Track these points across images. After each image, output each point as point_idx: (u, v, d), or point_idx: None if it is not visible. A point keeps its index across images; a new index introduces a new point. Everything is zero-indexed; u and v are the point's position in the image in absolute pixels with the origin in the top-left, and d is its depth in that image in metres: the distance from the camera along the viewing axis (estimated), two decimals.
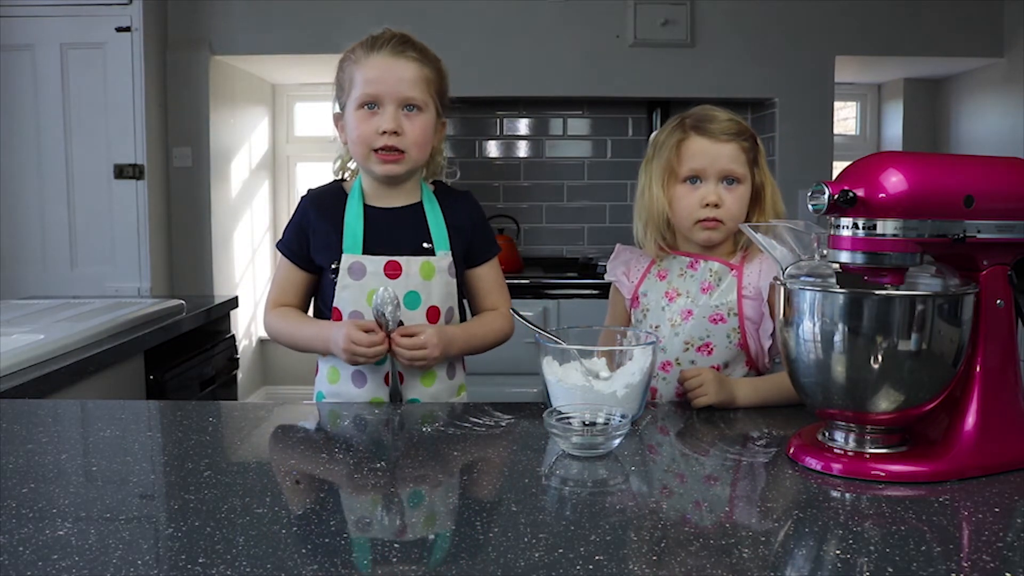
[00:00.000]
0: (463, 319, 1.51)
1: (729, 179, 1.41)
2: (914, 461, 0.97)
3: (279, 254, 1.48)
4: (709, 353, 1.40)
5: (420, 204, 1.46)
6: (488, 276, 1.51)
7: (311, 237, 1.43)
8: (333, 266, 1.39)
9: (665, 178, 1.43)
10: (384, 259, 1.38)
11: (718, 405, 1.26)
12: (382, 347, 1.32)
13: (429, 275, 1.40)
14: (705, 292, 1.42)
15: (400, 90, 1.37)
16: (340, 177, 1.52)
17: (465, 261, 1.47)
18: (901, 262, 0.95)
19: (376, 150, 1.38)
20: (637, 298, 1.49)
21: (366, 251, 1.39)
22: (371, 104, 1.37)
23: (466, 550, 0.78)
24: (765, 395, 1.30)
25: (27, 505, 0.87)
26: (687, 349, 1.41)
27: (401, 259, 1.39)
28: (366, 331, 1.31)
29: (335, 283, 1.39)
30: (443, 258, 1.42)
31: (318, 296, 1.47)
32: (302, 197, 1.49)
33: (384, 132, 1.36)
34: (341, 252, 1.39)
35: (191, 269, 3.54)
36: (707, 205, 1.40)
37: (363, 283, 1.38)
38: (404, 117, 1.38)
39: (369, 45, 1.40)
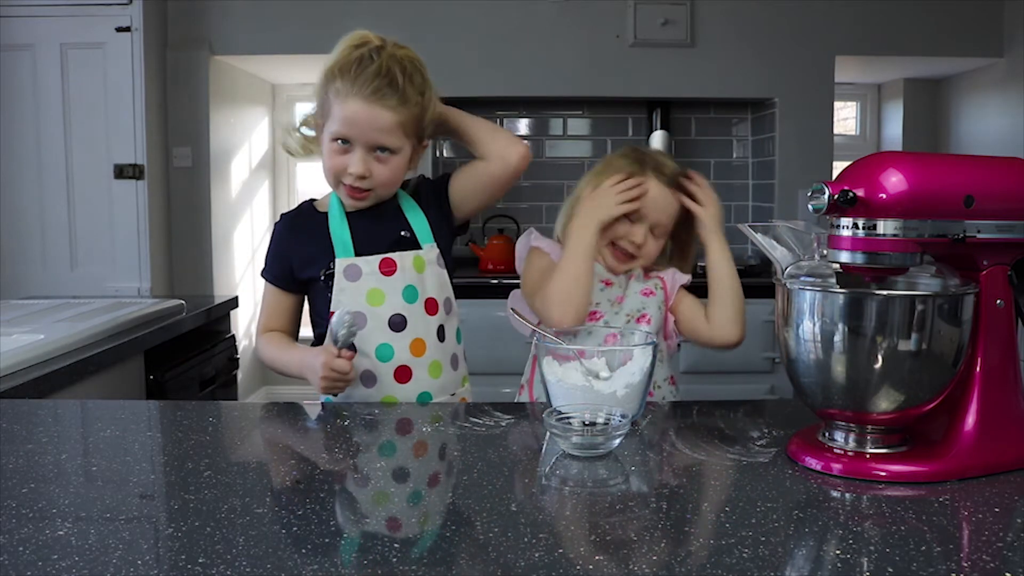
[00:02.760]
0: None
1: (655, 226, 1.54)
2: (914, 461, 0.97)
3: (264, 282, 1.50)
4: (648, 322, 1.52)
5: (394, 198, 1.47)
6: (460, 170, 1.52)
7: (292, 259, 1.44)
8: (325, 272, 1.40)
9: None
10: (378, 258, 1.39)
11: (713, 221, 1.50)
12: (352, 375, 1.33)
13: (421, 268, 1.42)
14: (632, 278, 1.57)
15: (372, 137, 1.35)
16: (301, 129, 1.50)
17: (442, 202, 1.50)
18: (901, 262, 0.95)
19: (344, 184, 1.39)
20: None
21: (356, 253, 1.40)
22: (344, 140, 1.37)
23: (466, 550, 0.78)
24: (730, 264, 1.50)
25: (27, 505, 0.87)
26: (628, 321, 1.52)
27: (394, 255, 1.40)
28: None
29: (327, 290, 1.39)
30: (430, 250, 1.44)
31: (311, 309, 1.48)
32: (275, 223, 1.51)
33: (351, 173, 1.37)
34: (329, 261, 1.40)
35: (191, 269, 3.54)
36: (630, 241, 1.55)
37: (359, 284, 1.38)
38: (375, 160, 1.37)
39: (351, 80, 1.33)
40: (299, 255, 1.44)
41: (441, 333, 1.42)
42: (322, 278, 1.40)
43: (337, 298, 1.38)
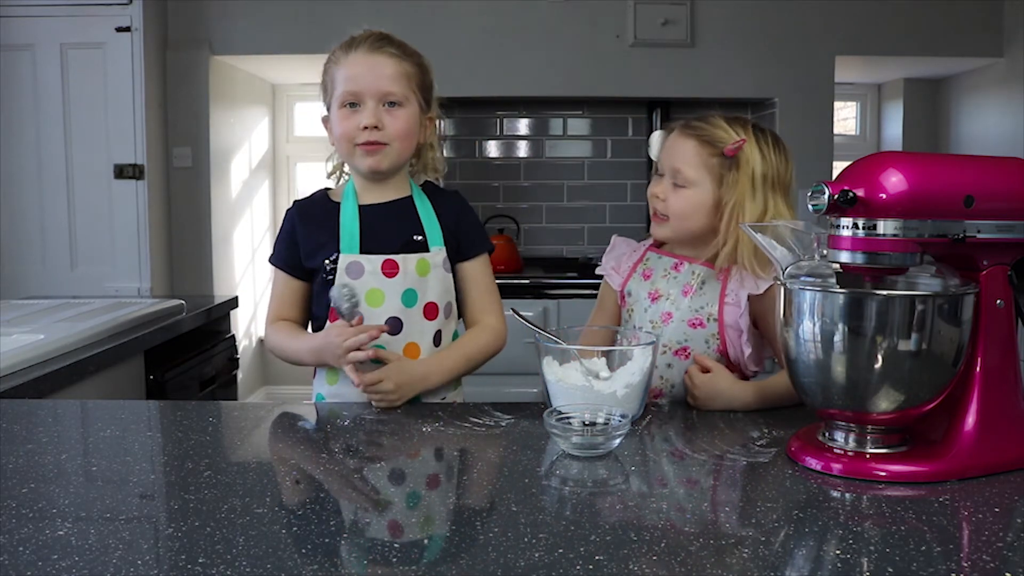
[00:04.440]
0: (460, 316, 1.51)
1: (675, 181, 1.40)
2: (914, 461, 0.97)
3: (273, 269, 1.47)
4: (686, 357, 1.38)
5: (410, 198, 1.46)
6: (478, 274, 1.48)
7: (301, 245, 1.43)
8: (329, 264, 1.39)
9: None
10: (381, 258, 1.38)
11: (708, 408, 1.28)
12: (370, 340, 1.30)
13: (424, 271, 1.40)
14: (686, 295, 1.41)
15: (379, 86, 1.37)
16: (335, 174, 1.52)
17: (455, 255, 1.46)
18: (901, 262, 0.95)
19: (359, 144, 1.38)
20: (624, 296, 1.50)
21: (362, 250, 1.39)
22: (353, 103, 1.38)
23: (466, 550, 0.78)
24: (771, 402, 1.28)
25: (27, 505, 0.87)
26: (664, 352, 1.39)
27: (397, 257, 1.39)
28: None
29: (329, 283, 1.38)
30: (437, 253, 1.42)
31: (314, 302, 1.46)
32: (288, 209, 1.49)
33: (365, 128, 1.37)
34: (334, 252, 1.39)
35: (191, 269, 3.54)
36: (653, 197, 1.44)
37: (360, 283, 1.38)
38: (385, 112, 1.38)
39: (348, 45, 1.41)
40: (308, 242, 1.42)
41: (438, 338, 1.42)
42: (327, 268, 1.39)
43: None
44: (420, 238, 1.42)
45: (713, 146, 1.38)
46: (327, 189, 1.51)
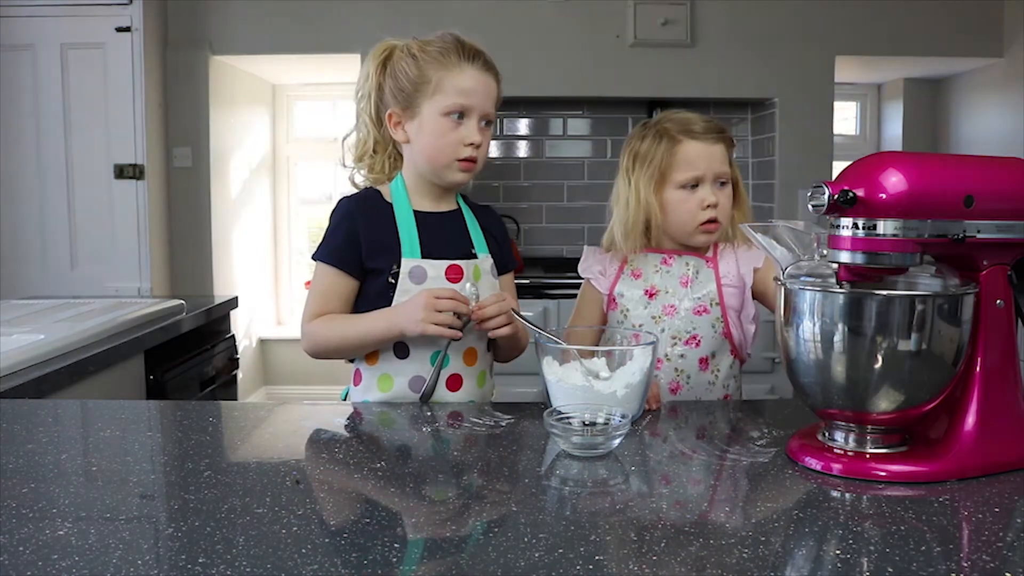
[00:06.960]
0: None
1: (722, 180, 1.46)
2: (914, 461, 0.97)
3: (319, 265, 1.39)
4: (697, 345, 1.43)
5: (459, 211, 1.46)
6: (509, 288, 1.50)
7: (363, 242, 1.37)
8: (393, 270, 1.35)
9: (654, 185, 1.46)
10: (445, 263, 1.36)
11: None
12: (466, 308, 1.29)
13: (478, 277, 1.40)
14: (685, 286, 1.46)
15: (486, 106, 1.40)
16: (357, 167, 1.47)
17: (504, 257, 1.48)
18: (901, 262, 0.95)
19: (460, 159, 1.37)
20: (614, 299, 1.50)
21: (423, 255, 1.37)
22: (460, 114, 1.37)
23: (466, 550, 0.78)
24: None
25: (27, 505, 0.87)
26: (675, 344, 1.43)
27: (460, 263, 1.38)
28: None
29: (390, 290, 1.35)
30: (485, 260, 1.42)
31: (364, 305, 1.38)
32: (340, 203, 1.42)
33: (470, 144, 1.37)
34: (398, 256, 1.36)
35: (191, 269, 3.54)
36: (708, 207, 1.43)
37: (424, 287, 1.34)
38: (481, 131, 1.39)
39: (461, 53, 1.41)
40: (370, 240, 1.37)
41: (488, 344, 1.41)
42: (392, 272, 1.35)
43: (398, 300, 1.34)
44: (474, 251, 1.42)
45: (730, 141, 1.49)
46: (375, 188, 1.45)
